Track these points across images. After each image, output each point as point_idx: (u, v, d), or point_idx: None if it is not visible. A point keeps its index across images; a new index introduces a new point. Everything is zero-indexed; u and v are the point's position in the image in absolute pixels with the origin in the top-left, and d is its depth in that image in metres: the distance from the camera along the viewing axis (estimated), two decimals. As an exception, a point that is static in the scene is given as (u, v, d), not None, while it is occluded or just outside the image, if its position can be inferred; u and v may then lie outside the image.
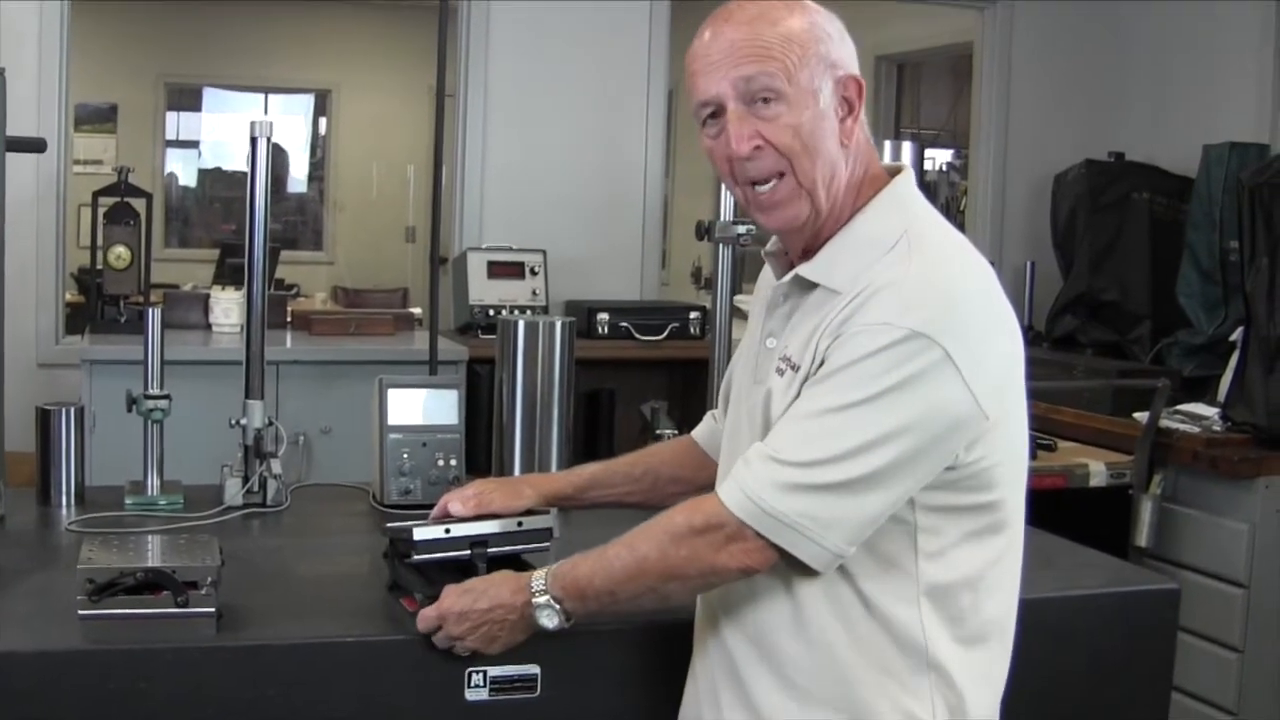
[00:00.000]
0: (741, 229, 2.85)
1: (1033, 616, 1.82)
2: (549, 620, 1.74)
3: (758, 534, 1.61)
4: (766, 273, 1.89)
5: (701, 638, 1.81)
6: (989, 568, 1.69)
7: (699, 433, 2.13)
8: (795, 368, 1.67)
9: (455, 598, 1.79)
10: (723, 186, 2.89)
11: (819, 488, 1.58)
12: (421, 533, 1.90)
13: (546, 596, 1.74)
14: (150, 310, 2.57)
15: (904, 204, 1.73)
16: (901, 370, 1.56)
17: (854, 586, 1.64)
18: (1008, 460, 1.67)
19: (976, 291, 1.64)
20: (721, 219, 2.89)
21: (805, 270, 1.71)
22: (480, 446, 2.98)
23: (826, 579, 1.64)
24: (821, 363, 1.62)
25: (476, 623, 1.77)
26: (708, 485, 2.06)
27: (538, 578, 1.75)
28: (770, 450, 1.62)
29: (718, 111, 1.68)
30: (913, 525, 1.64)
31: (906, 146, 4.69)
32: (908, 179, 1.75)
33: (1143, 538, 3.77)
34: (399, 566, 1.96)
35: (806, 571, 1.63)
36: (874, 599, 1.64)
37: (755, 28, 1.65)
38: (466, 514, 1.98)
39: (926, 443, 1.58)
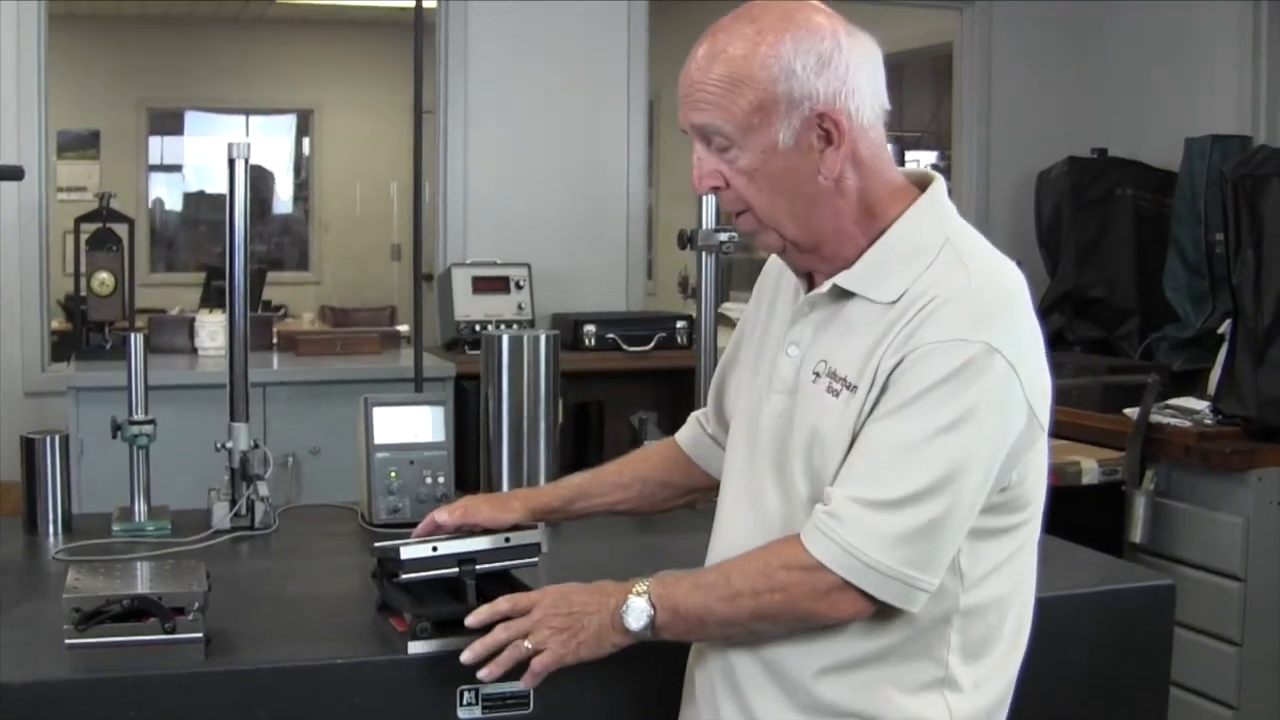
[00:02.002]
0: (724, 236, 2.82)
1: (1028, 616, 1.81)
2: (636, 620, 1.66)
3: (861, 590, 1.58)
4: (771, 274, 1.86)
5: (699, 646, 1.79)
6: (1019, 584, 1.70)
7: (683, 437, 2.09)
8: (851, 387, 1.62)
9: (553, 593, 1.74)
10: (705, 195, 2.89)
11: (917, 531, 1.55)
12: (408, 551, 1.88)
13: (645, 596, 1.67)
14: (132, 336, 2.55)
15: (942, 213, 1.71)
16: (977, 386, 1.54)
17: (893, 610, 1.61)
18: (1038, 478, 1.69)
19: (1022, 299, 1.64)
20: (704, 227, 2.86)
21: (844, 280, 1.67)
22: (470, 463, 2.96)
23: None
24: (885, 382, 1.58)
25: (567, 612, 1.70)
26: (696, 489, 2.05)
27: (639, 582, 1.70)
28: (856, 492, 1.58)
29: None
30: (959, 550, 1.61)
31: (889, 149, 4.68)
32: (941, 187, 1.73)
33: (1137, 534, 3.76)
34: (387, 586, 1.94)
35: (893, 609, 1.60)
36: (909, 619, 1.61)
37: (712, 68, 1.60)
38: (451, 523, 1.95)
39: (1002, 453, 1.59)
